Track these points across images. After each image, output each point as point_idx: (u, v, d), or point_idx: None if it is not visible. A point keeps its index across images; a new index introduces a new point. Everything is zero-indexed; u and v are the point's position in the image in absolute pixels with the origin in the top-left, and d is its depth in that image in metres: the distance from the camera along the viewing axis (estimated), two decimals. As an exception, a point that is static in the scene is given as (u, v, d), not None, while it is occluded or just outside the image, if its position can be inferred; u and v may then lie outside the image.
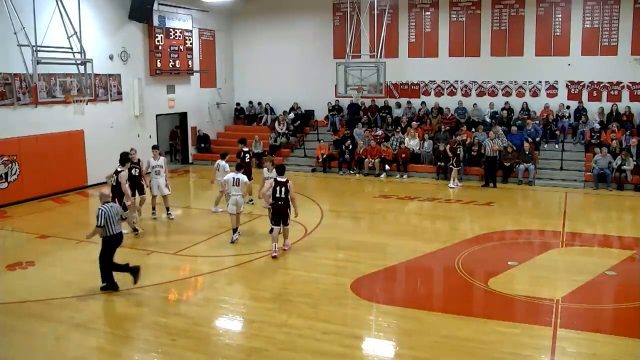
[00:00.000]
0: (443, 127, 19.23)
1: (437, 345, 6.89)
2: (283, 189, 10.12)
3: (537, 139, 18.27)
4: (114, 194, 10.42)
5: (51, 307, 8.15)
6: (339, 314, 7.94)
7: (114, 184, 11.06)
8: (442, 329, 7.33)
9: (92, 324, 7.65)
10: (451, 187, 16.83)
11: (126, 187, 11.14)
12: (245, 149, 14.80)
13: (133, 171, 12.25)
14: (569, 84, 19.04)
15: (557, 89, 19.25)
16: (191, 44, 20.73)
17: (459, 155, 17.10)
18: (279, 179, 10.25)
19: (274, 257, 10.20)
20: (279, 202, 10.20)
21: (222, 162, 13.39)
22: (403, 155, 18.47)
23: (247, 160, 14.39)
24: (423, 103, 20.62)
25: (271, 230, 10.49)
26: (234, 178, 11.19)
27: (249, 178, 13.45)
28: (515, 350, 6.74)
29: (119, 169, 11.23)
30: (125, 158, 11.56)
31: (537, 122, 18.64)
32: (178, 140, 22.44)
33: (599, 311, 8.13)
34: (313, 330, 7.32)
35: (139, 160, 12.79)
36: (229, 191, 11.18)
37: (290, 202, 10.29)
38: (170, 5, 19.77)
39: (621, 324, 7.62)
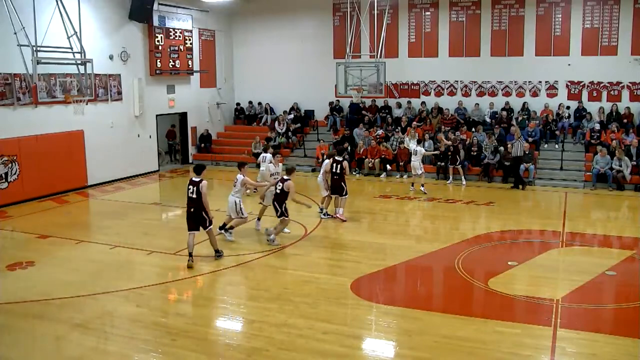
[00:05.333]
0: (443, 127, 19.25)
1: (437, 345, 6.89)
2: (339, 166, 12.37)
3: (536, 139, 18.26)
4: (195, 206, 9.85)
5: (51, 307, 8.16)
6: (339, 314, 7.95)
7: (194, 195, 9.75)
8: (442, 329, 7.33)
9: (92, 324, 7.65)
10: (449, 184, 17.02)
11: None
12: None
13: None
14: (569, 84, 19.04)
15: (557, 89, 19.25)
16: (191, 44, 20.74)
17: (457, 154, 17.16)
18: (337, 158, 12.51)
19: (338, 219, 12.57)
20: (335, 177, 12.44)
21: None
22: (403, 158, 18.49)
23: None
24: (423, 103, 20.63)
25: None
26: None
27: None
28: (515, 350, 6.74)
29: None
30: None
31: (537, 122, 18.63)
32: (176, 140, 22.45)
33: (599, 311, 8.13)
34: (313, 330, 7.32)
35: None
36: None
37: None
38: (170, 5, 19.77)
39: (621, 324, 7.62)
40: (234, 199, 11.00)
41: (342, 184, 12.52)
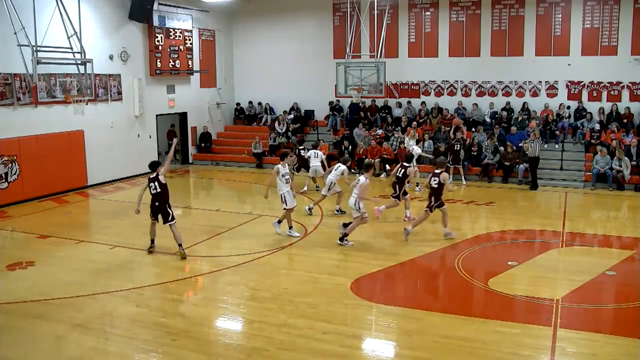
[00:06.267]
0: (443, 127, 19.26)
1: (437, 345, 6.89)
2: (404, 171, 12.51)
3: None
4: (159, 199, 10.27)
5: (51, 307, 8.16)
6: (339, 314, 7.94)
7: (158, 190, 10.24)
8: (442, 329, 7.33)
9: (92, 324, 7.66)
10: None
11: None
12: (301, 147, 16.84)
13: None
14: (569, 84, 19.04)
15: (557, 89, 19.25)
16: (191, 44, 20.74)
17: (458, 153, 17.13)
18: (404, 163, 12.64)
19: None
20: (395, 180, 12.68)
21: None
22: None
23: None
24: (423, 103, 20.63)
25: None
26: None
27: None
28: (515, 350, 6.74)
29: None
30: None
31: (537, 122, 18.63)
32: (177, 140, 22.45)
33: (599, 311, 8.13)
34: (313, 330, 7.32)
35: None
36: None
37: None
38: (170, 5, 19.78)
39: (621, 324, 7.62)
40: (353, 200, 10.93)
41: (396, 187, 12.48)
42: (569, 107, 18.91)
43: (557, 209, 14.30)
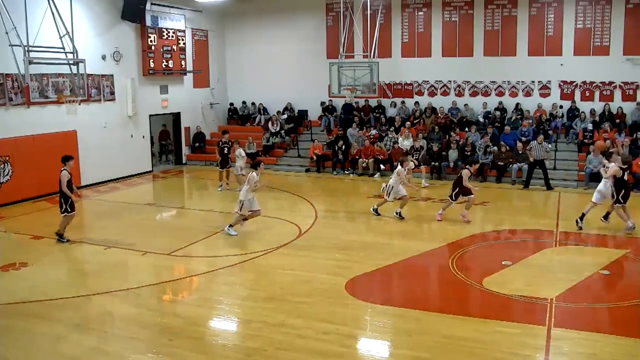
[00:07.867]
0: (436, 127, 19.32)
1: (437, 346, 6.90)
2: (462, 171, 12.83)
3: (529, 139, 18.31)
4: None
5: (51, 307, 8.12)
6: (338, 314, 7.94)
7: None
8: (441, 329, 7.35)
9: (92, 324, 7.63)
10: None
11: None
12: (225, 140, 16.63)
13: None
14: (562, 83, 19.16)
15: (549, 88, 19.37)
16: (184, 44, 20.68)
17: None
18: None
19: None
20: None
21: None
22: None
23: (225, 151, 16.39)
24: (416, 103, 20.68)
25: None
26: None
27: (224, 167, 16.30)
28: (513, 349, 6.77)
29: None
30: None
31: (531, 121, 18.72)
32: (169, 140, 22.39)
33: (593, 310, 8.17)
34: (312, 330, 7.32)
35: None
36: None
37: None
38: (163, 5, 19.70)
39: (616, 323, 7.67)
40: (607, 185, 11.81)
41: (457, 187, 12.70)
42: (561, 107, 19.04)
43: (551, 209, 14.37)
